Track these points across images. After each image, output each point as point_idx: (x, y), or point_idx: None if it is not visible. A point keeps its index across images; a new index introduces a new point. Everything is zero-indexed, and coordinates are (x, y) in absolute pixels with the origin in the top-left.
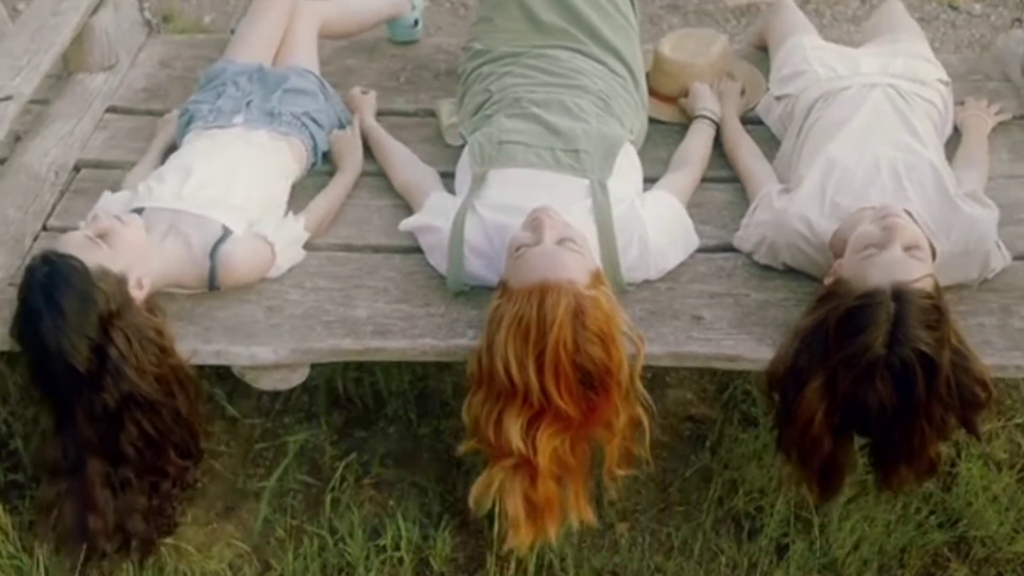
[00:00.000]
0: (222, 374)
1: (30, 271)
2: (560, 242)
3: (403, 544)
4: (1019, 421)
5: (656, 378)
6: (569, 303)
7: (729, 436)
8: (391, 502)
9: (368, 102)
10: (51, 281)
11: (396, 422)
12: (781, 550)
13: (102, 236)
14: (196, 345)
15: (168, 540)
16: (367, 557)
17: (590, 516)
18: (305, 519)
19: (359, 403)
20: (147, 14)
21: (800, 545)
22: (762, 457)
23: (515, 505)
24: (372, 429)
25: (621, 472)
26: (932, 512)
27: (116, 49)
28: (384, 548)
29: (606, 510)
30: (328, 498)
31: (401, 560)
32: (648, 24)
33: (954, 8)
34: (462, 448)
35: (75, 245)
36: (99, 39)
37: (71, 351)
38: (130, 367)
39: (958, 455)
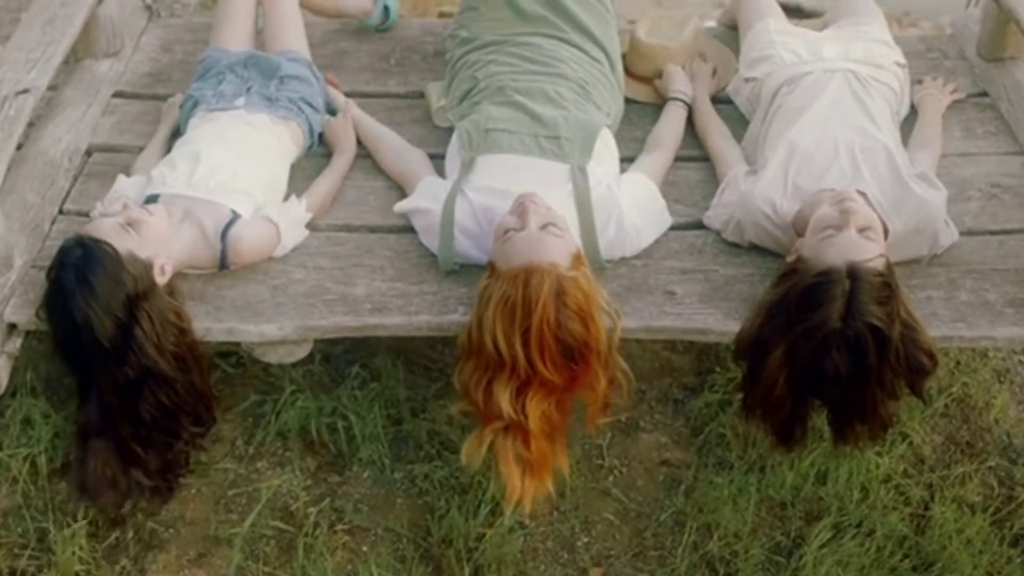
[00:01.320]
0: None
1: (64, 252)
2: (544, 227)
3: None
4: (991, 464)
5: (630, 423)
6: (552, 284)
7: (703, 480)
8: (364, 548)
9: (338, 94)
10: (85, 263)
11: (370, 467)
12: None
13: (132, 224)
14: (208, 324)
15: None
16: None
17: (566, 466)
18: (278, 565)
19: (332, 448)
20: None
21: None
22: (736, 501)
23: (508, 465)
24: (346, 474)
25: (602, 420)
26: (906, 556)
27: (120, 35)
28: None
29: (580, 555)
30: (301, 544)
31: None
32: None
33: None
34: (454, 409)
35: (107, 231)
36: (104, 27)
37: (99, 327)
38: (151, 345)
39: (931, 498)
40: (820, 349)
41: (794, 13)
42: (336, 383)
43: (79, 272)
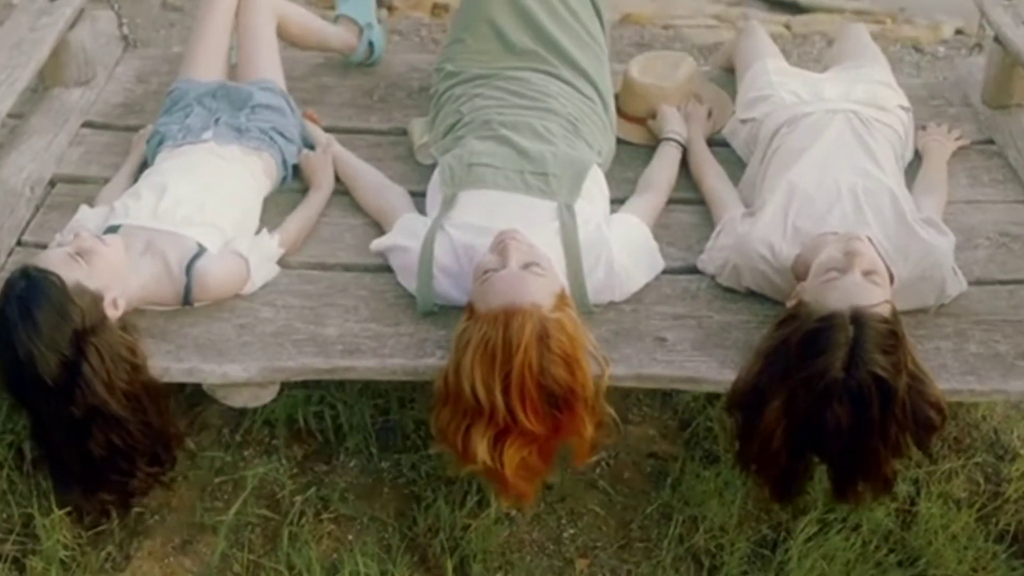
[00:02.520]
0: (181, 407)
1: (8, 284)
2: (525, 266)
3: None
4: (978, 460)
5: (618, 414)
6: (534, 327)
7: (691, 473)
8: (350, 537)
9: (317, 130)
10: (28, 295)
11: (356, 456)
12: None
13: (82, 254)
14: (168, 363)
15: (123, 574)
16: None
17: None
18: (263, 553)
19: (319, 437)
20: (125, 29)
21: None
22: (723, 494)
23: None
24: (332, 463)
25: (589, 460)
26: (892, 550)
27: (93, 64)
28: None
29: (566, 546)
30: (286, 532)
31: None
32: (615, 62)
33: (918, 50)
34: (432, 450)
35: (55, 261)
36: (76, 54)
37: (42, 364)
38: (100, 383)
39: (917, 494)
40: (820, 400)
41: (790, 8)
42: None
43: (22, 305)
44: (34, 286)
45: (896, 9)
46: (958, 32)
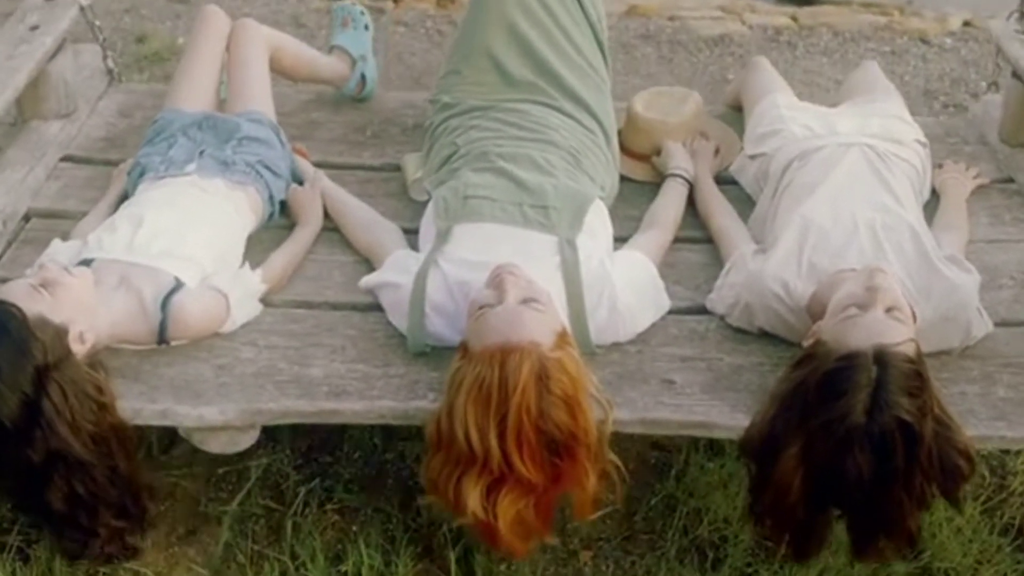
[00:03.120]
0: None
1: None
2: (524, 301)
3: (364, 570)
4: (984, 453)
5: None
6: (532, 366)
7: (695, 465)
8: (354, 528)
9: (307, 165)
10: None
11: (360, 447)
12: None
13: (46, 286)
14: (140, 404)
15: (128, 564)
16: None
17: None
18: (267, 544)
19: (323, 427)
20: (110, 63)
21: (764, 574)
22: (727, 486)
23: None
24: (336, 454)
25: (590, 516)
26: None
27: (74, 97)
28: (345, 574)
29: (570, 538)
30: (290, 523)
31: None
32: (621, 53)
33: (925, 42)
34: (422, 501)
35: (17, 293)
36: (56, 86)
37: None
38: (63, 423)
39: None
40: (840, 447)
41: (795, 0)
42: None
43: None
44: None
45: (903, 1)
46: (966, 24)
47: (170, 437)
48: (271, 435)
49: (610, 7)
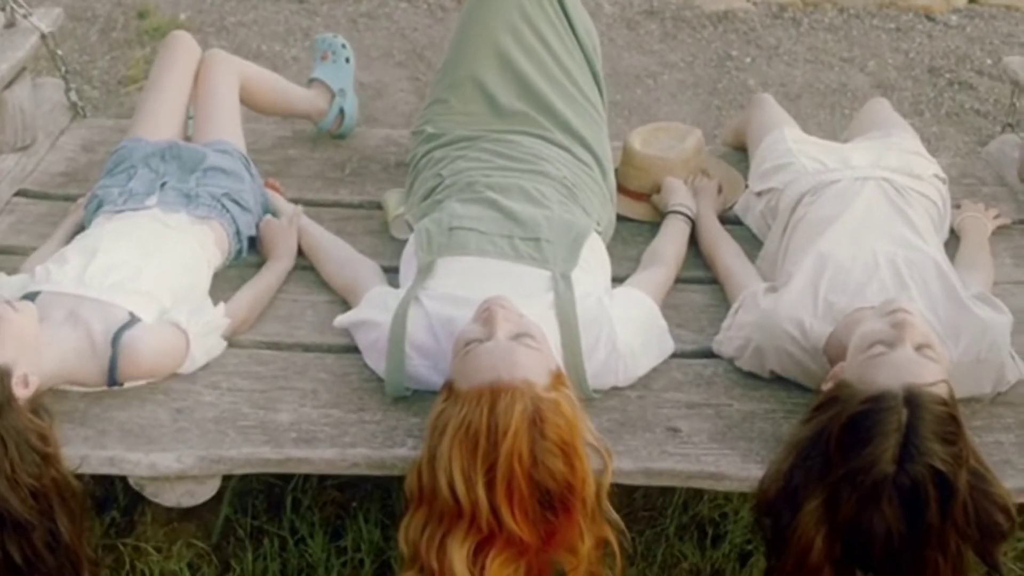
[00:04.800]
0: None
1: None
2: (516, 337)
3: (364, 545)
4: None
5: None
6: (525, 407)
7: None
8: (353, 503)
9: (279, 200)
10: None
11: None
12: (744, 557)
13: None
14: (86, 451)
15: (127, 540)
16: (328, 558)
17: None
18: (266, 519)
19: None
20: (73, 96)
21: (763, 552)
22: None
23: None
24: None
25: None
26: None
27: (32, 129)
28: (345, 549)
29: None
30: (289, 499)
31: (362, 562)
32: (625, 29)
33: (930, 19)
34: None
35: None
36: (12, 116)
37: None
38: (2, 477)
39: None
40: (867, 500)
41: None
42: None
43: None
44: None
45: None
46: (971, 1)
47: None
48: None
49: None
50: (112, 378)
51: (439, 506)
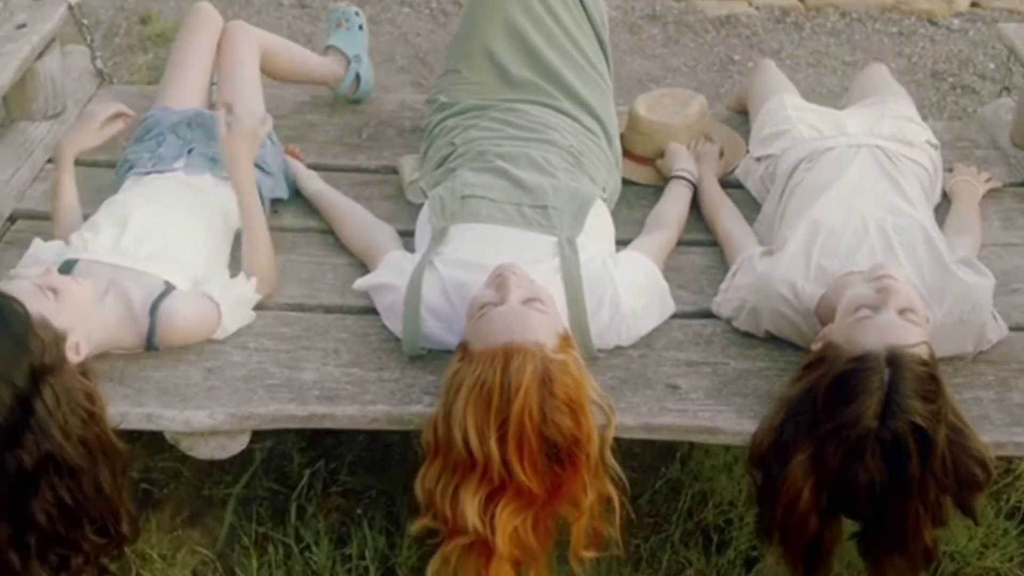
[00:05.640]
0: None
1: None
2: (526, 301)
3: (368, 552)
4: (987, 439)
5: None
6: (536, 368)
7: (699, 448)
8: (358, 510)
9: (299, 166)
10: None
11: (364, 429)
12: (750, 563)
13: (53, 290)
14: (126, 408)
15: (132, 546)
16: (333, 565)
17: None
18: (271, 527)
19: None
20: (99, 63)
21: (768, 558)
22: (732, 469)
23: None
24: (340, 436)
25: (588, 554)
26: None
27: (63, 97)
28: (350, 557)
29: None
30: (294, 506)
31: (367, 569)
32: (627, 33)
33: (933, 23)
34: (413, 528)
35: (22, 291)
36: (43, 85)
37: None
38: (56, 426)
39: None
40: (852, 453)
41: None
42: None
43: None
44: None
45: None
46: (973, 5)
47: None
48: None
49: None
50: (150, 343)
51: (453, 458)
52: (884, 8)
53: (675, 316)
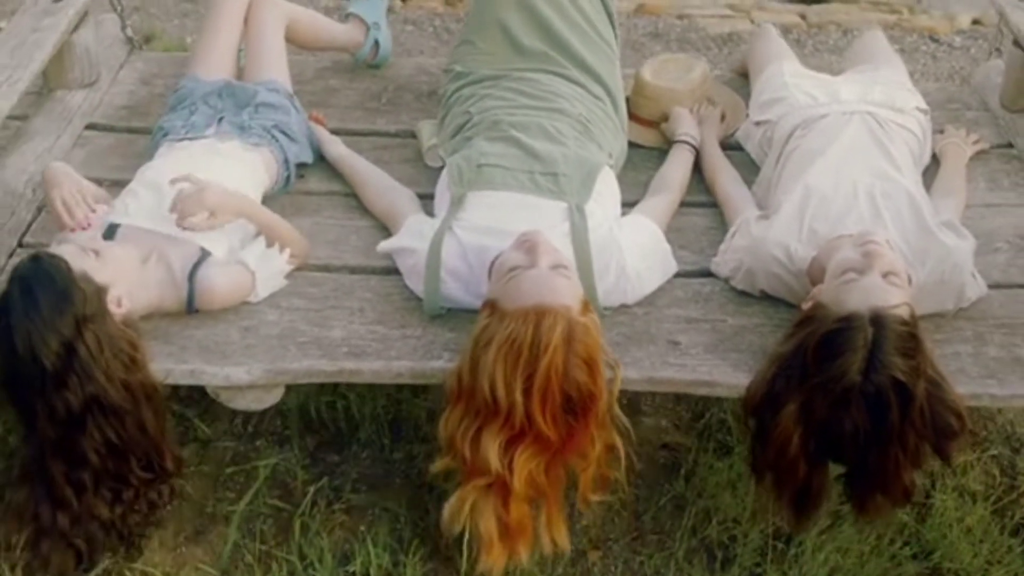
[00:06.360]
0: (194, 396)
1: (15, 267)
2: (554, 267)
3: (373, 570)
4: (994, 452)
5: (631, 405)
6: (564, 328)
7: (704, 464)
8: (362, 527)
9: (323, 132)
10: (32, 274)
11: (369, 447)
12: None
13: (95, 251)
14: (170, 365)
15: (135, 564)
16: None
17: (564, 540)
18: (275, 544)
19: (332, 427)
20: (129, 31)
21: (773, 575)
22: (736, 486)
23: (488, 526)
24: (344, 453)
25: (595, 498)
26: (906, 543)
27: (97, 66)
28: (354, 574)
29: (579, 538)
30: (298, 523)
31: None
32: (630, 51)
33: (935, 40)
34: (434, 467)
35: (67, 251)
36: (80, 56)
37: (40, 345)
38: (99, 370)
39: (932, 486)
40: (838, 405)
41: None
42: None
43: (24, 284)
44: (39, 266)
45: (913, 1)
46: (975, 22)
47: (180, 439)
48: (279, 436)
49: (619, 5)
50: (190, 307)
51: (476, 404)
52: (886, 25)
53: (676, 275)
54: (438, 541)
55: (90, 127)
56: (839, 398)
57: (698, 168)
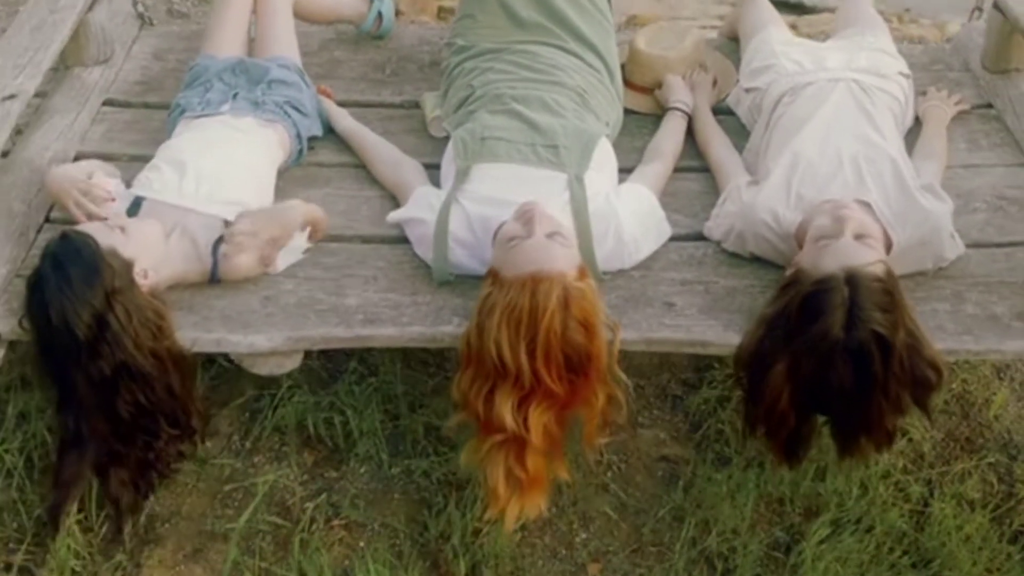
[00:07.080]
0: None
1: (47, 245)
2: (551, 235)
3: None
4: (991, 460)
5: (628, 417)
6: (560, 293)
7: (702, 476)
8: (361, 543)
9: (331, 105)
10: (63, 251)
11: (367, 462)
12: None
13: (120, 228)
14: (196, 334)
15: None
16: None
17: (564, 473)
18: (274, 561)
19: (329, 443)
20: (140, 7)
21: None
22: (735, 497)
23: (496, 477)
24: (343, 469)
25: (600, 440)
26: (905, 552)
27: (111, 43)
28: None
29: (578, 551)
30: (297, 539)
31: None
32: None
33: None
34: (449, 422)
35: (94, 228)
36: (95, 34)
37: (73, 317)
38: (128, 339)
39: (931, 495)
40: (824, 362)
41: (795, 9)
42: (334, 378)
43: (55, 260)
44: (69, 244)
45: (902, 9)
46: None
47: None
48: (277, 452)
49: None
50: (214, 277)
51: (486, 367)
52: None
53: (671, 239)
54: (438, 556)
55: (107, 103)
56: (824, 356)
57: (691, 133)
